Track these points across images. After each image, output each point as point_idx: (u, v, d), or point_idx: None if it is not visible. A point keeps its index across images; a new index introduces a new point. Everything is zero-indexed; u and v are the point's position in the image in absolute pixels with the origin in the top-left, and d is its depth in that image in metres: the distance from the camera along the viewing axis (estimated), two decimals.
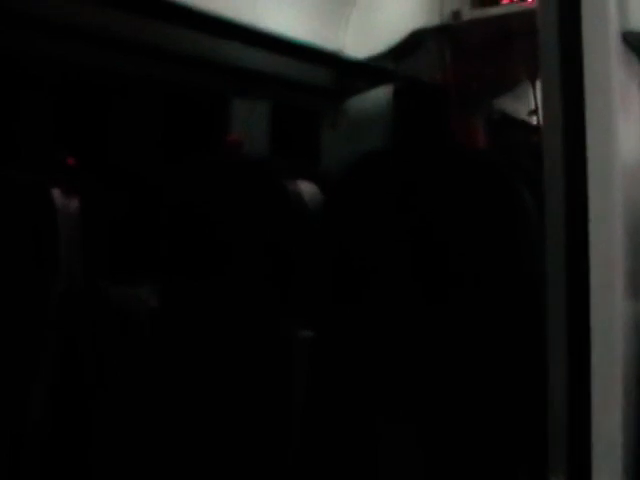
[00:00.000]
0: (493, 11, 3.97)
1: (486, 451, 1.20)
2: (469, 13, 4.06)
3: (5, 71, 2.47)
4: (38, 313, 1.82)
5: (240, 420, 1.44)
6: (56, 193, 1.87)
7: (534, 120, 4.36)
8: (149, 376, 1.58)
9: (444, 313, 1.27)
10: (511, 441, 1.20)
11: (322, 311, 1.38)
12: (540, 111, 4.28)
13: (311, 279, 1.41)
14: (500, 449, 1.20)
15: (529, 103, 4.40)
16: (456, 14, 4.05)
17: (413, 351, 1.28)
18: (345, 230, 1.40)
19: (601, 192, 1.07)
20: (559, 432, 1.06)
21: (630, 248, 1.11)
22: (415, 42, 3.92)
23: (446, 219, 1.32)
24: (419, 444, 1.25)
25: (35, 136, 2.64)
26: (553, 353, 1.08)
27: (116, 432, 1.67)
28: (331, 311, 1.37)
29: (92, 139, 2.80)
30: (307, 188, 1.50)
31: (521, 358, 1.21)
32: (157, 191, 1.79)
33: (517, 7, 3.89)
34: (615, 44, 1.14)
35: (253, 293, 1.48)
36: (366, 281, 1.35)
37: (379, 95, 3.93)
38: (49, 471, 1.76)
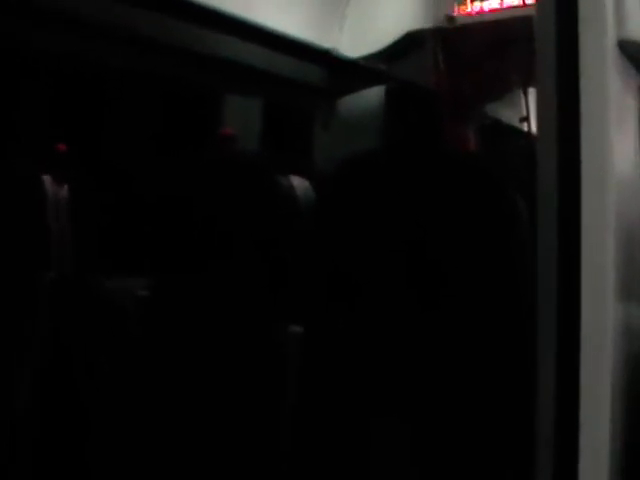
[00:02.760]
0: (488, 16, 3.99)
1: (474, 453, 1.21)
2: (464, 17, 4.08)
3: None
4: (27, 303, 1.81)
5: (231, 416, 1.44)
6: (46, 181, 1.86)
7: (525, 127, 4.38)
8: (139, 369, 1.57)
9: (434, 314, 1.27)
10: (499, 444, 1.21)
11: (313, 308, 1.38)
12: (531, 118, 4.31)
13: (302, 276, 1.41)
14: (487, 452, 1.21)
15: (520, 110, 4.41)
16: (450, 18, 4.06)
17: (403, 351, 1.28)
18: (336, 228, 1.40)
19: (594, 198, 1.07)
20: (547, 435, 1.06)
21: (621, 252, 1.12)
22: (409, 44, 3.93)
23: (436, 221, 1.32)
24: (409, 443, 1.25)
25: (27, 124, 2.63)
26: (543, 356, 1.08)
27: (106, 425, 1.66)
28: (322, 308, 1.37)
29: (84, 129, 2.79)
30: (299, 184, 1.50)
31: (510, 361, 1.22)
32: (149, 183, 1.79)
33: (512, 13, 3.91)
34: (611, 52, 1.15)
35: (244, 288, 1.48)
36: (357, 279, 1.35)
37: (371, 95, 3.93)
38: (37, 463, 1.76)
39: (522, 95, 4.43)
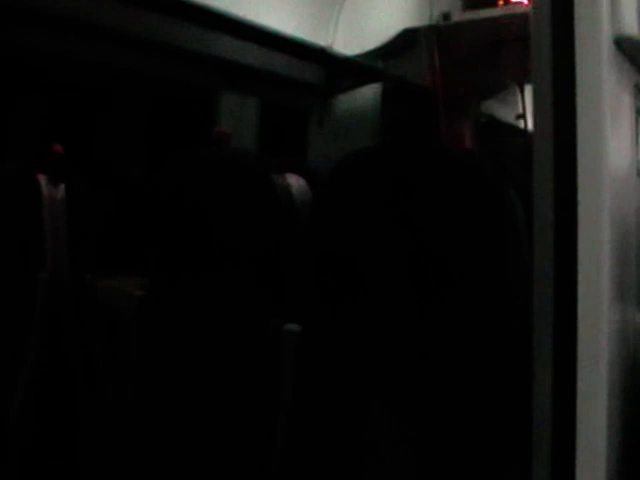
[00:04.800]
0: (483, 14, 3.98)
1: (471, 450, 1.21)
2: (459, 15, 4.07)
3: None
4: (23, 303, 1.80)
5: (227, 415, 1.44)
6: (42, 181, 1.86)
7: (521, 124, 4.37)
8: (135, 369, 1.57)
9: (430, 312, 1.27)
10: (496, 442, 1.21)
11: (310, 306, 1.38)
12: (528, 115, 4.30)
13: (299, 274, 1.41)
14: (485, 449, 1.21)
15: (517, 107, 4.41)
16: (446, 15, 4.06)
17: (400, 348, 1.28)
18: (332, 226, 1.40)
19: (590, 196, 1.07)
20: (543, 434, 1.06)
21: (617, 251, 1.12)
22: (405, 42, 3.92)
23: (432, 218, 1.32)
24: (406, 440, 1.25)
25: (23, 124, 2.62)
26: (539, 355, 1.08)
27: (102, 423, 1.66)
28: (319, 306, 1.37)
29: (80, 129, 2.78)
30: (295, 183, 1.50)
31: (506, 360, 1.22)
32: (145, 183, 1.78)
33: (507, 10, 3.90)
34: (607, 49, 1.15)
35: (240, 287, 1.48)
36: (353, 276, 1.35)
37: (367, 93, 3.93)
38: (32, 461, 1.75)
39: (518, 92, 4.42)
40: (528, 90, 4.41)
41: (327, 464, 1.30)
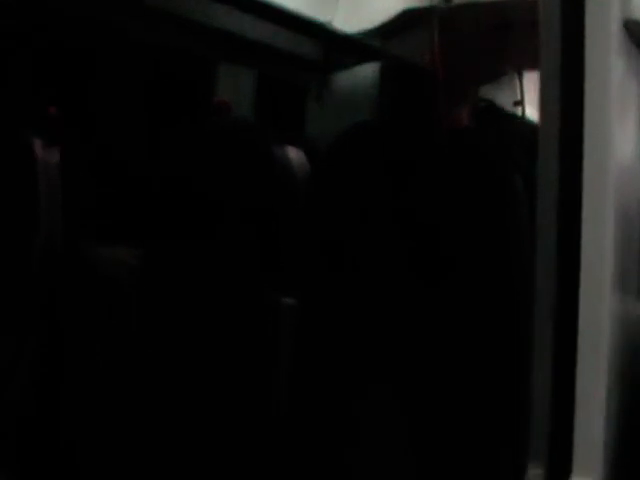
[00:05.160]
0: None
1: (467, 436, 1.21)
2: None
3: None
4: (17, 269, 1.78)
5: (225, 390, 1.43)
6: (37, 144, 1.83)
7: (519, 111, 4.36)
8: (130, 340, 1.56)
9: (428, 289, 1.27)
10: (492, 429, 1.21)
11: (307, 280, 1.37)
12: (525, 102, 4.30)
13: (297, 248, 1.40)
14: (481, 436, 1.21)
15: (515, 94, 4.40)
16: None
17: (397, 325, 1.28)
18: (331, 200, 1.39)
19: (595, 182, 1.06)
20: (541, 423, 1.06)
21: (621, 241, 1.11)
22: (405, 22, 3.90)
23: (431, 195, 1.31)
24: (402, 417, 1.25)
25: (17, 87, 2.59)
26: (539, 345, 1.08)
27: (97, 397, 1.65)
28: (316, 280, 1.36)
29: (76, 92, 2.75)
30: (295, 155, 1.48)
31: (505, 348, 1.21)
32: (143, 151, 1.76)
33: None
34: (616, 32, 1.14)
35: (238, 260, 1.47)
36: (350, 251, 1.34)
37: (366, 72, 3.91)
38: (28, 438, 1.74)
39: (516, 79, 4.41)
40: (526, 77, 4.39)
41: (326, 439, 1.29)
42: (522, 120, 4.20)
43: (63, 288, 1.75)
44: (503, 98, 4.56)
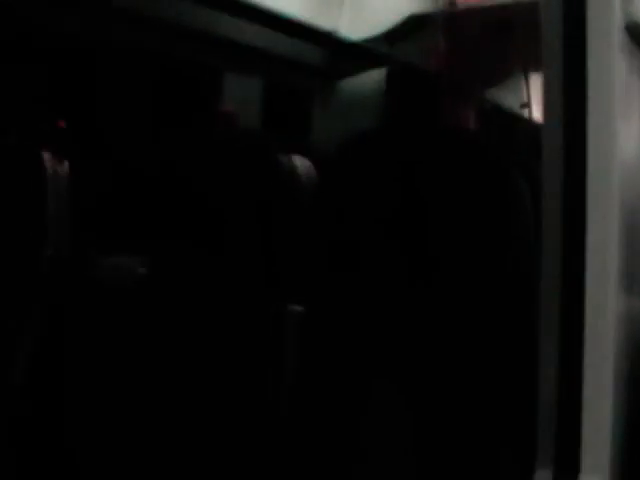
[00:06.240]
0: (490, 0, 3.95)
1: (473, 437, 1.21)
2: (465, 0, 4.04)
3: None
4: (25, 281, 1.79)
5: (229, 396, 1.44)
6: (46, 157, 1.85)
7: (526, 113, 4.36)
8: (137, 346, 1.57)
9: (433, 291, 1.27)
10: (499, 429, 1.21)
11: (314, 286, 1.38)
12: (532, 104, 4.29)
13: (303, 255, 1.41)
14: (487, 436, 1.21)
15: (521, 96, 4.39)
16: (452, 1, 4.03)
17: (402, 329, 1.28)
18: (337, 207, 1.39)
19: (600, 183, 1.07)
20: (548, 423, 1.06)
21: (626, 239, 1.11)
22: (410, 27, 3.90)
23: (437, 199, 1.32)
24: (408, 420, 1.25)
25: (26, 101, 2.61)
26: (545, 344, 1.08)
27: (102, 405, 1.66)
28: (323, 286, 1.37)
29: (84, 106, 2.77)
30: (301, 164, 1.49)
31: (511, 347, 1.21)
32: (150, 161, 1.77)
33: None
34: (618, 35, 1.14)
35: (245, 268, 1.47)
36: (357, 257, 1.34)
37: (372, 78, 3.91)
38: (28, 440, 1.75)
39: (523, 81, 4.41)
40: (533, 79, 4.39)
41: (330, 442, 1.30)
42: (529, 122, 4.20)
43: (70, 297, 1.77)
44: (510, 101, 4.55)
